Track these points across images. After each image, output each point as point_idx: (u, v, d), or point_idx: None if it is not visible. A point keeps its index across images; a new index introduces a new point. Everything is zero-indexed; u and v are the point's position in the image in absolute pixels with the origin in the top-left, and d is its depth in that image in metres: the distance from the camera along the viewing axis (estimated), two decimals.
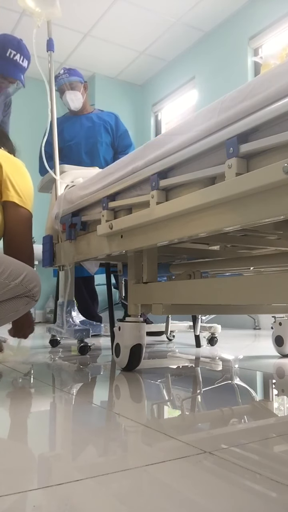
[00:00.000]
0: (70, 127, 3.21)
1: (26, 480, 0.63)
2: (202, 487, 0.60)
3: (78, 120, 3.24)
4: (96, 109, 3.38)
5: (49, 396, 1.21)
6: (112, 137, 3.28)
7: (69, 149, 3.15)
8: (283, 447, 0.78)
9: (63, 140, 3.15)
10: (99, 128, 3.22)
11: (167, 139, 1.24)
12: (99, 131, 3.22)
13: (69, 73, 3.19)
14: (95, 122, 3.23)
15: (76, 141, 3.18)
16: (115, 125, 3.29)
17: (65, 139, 3.15)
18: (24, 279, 1.32)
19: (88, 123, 3.23)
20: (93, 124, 3.22)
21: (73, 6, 4.14)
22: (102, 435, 0.85)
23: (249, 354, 2.12)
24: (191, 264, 1.99)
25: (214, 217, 1.11)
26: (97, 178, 1.64)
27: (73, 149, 3.16)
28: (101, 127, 3.23)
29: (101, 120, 3.25)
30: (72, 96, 3.15)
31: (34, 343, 2.66)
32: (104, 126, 3.24)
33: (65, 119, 3.28)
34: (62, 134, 3.16)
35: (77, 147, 3.17)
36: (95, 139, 3.19)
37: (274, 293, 1.07)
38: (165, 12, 4.28)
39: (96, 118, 3.26)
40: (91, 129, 3.21)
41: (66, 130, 3.18)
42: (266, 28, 3.98)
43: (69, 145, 3.16)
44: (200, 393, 1.26)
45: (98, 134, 3.21)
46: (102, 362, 1.88)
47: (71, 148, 3.16)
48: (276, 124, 0.93)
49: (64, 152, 3.15)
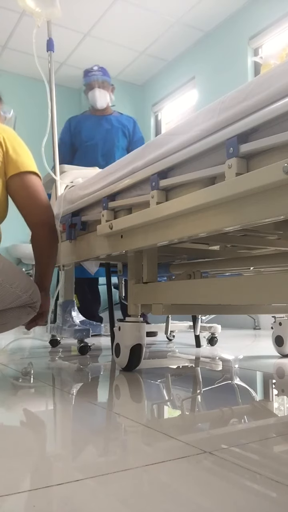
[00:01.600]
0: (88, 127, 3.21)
1: (26, 480, 0.63)
2: (202, 487, 0.60)
3: (97, 121, 3.24)
4: (115, 112, 3.37)
5: (49, 396, 1.21)
6: (128, 142, 3.29)
7: (85, 150, 3.15)
8: (283, 447, 0.77)
9: (80, 140, 3.17)
10: (117, 131, 3.23)
11: (167, 139, 1.24)
12: (117, 134, 3.22)
13: (103, 72, 3.20)
14: (114, 126, 3.23)
15: (94, 142, 3.18)
16: (133, 130, 3.30)
17: (82, 139, 3.16)
18: (32, 293, 1.45)
19: (107, 125, 3.23)
20: (112, 127, 3.23)
21: (73, 6, 4.14)
22: (102, 435, 0.85)
23: (249, 354, 2.12)
24: (191, 264, 1.99)
25: (214, 217, 1.10)
26: (97, 178, 1.64)
27: (89, 150, 3.16)
28: (119, 130, 3.23)
29: (119, 124, 3.26)
30: (101, 95, 3.15)
31: (34, 343, 2.67)
32: (122, 130, 3.24)
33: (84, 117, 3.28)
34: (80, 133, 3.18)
35: (94, 148, 3.17)
36: (112, 142, 3.19)
37: (274, 293, 1.07)
38: (165, 12, 4.28)
39: (115, 121, 3.26)
40: (109, 132, 3.21)
41: (84, 130, 3.18)
42: (266, 28, 3.98)
43: (86, 146, 3.17)
44: (200, 393, 1.26)
45: (115, 137, 3.21)
46: (102, 362, 1.88)
47: (87, 149, 3.16)
48: (276, 124, 0.93)
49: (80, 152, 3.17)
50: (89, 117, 3.28)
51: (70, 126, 3.27)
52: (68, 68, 5.24)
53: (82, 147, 3.15)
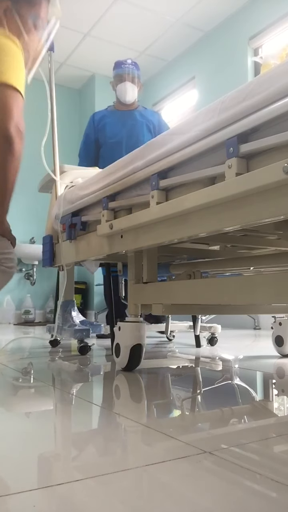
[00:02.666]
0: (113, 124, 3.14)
1: (26, 480, 0.63)
2: (202, 487, 0.60)
3: (122, 117, 3.16)
4: (140, 106, 3.29)
5: (49, 396, 1.21)
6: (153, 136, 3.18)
7: (110, 147, 3.09)
8: (283, 447, 0.77)
9: (104, 136, 3.11)
10: (141, 126, 3.15)
11: (167, 139, 1.24)
12: (141, 130, 3.14)
13: (136, 67, 3.14)
14: (138, 121, 3.15)
15: (118, 139, 3.11)
16: (158, 124, 3.21)
17: (106, 135, 3.09)
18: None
19: (131, 121, 3.15)
20: (136, 122, 3.15)
21: (73, 6, 4.14)
22: (102, 435, 0.85)
23: (249, 354, 2.12)
24: (191, 264, 1.99)
25: (214, 217, 1.11)
26: (97, 178, 1.64)
27: (114, 147, 3.09)
28: (143, 125, 3.15)
29: (144, 119, 3.17)
30: (131, 89, 3.09)
31: (34, 343, 2.67)
32: (146, 124, 3.16)
33: (108, 113, 3.21)
34: (104, 129, 3.11)
35: (118, 145, 3.09)
36: (136, 138, 3.10)
37: (274, 293, 1.07)
38: (165, 12, 4.28)
39: (139, 116, 3.18)
40: (133, 128, 3.13)
41: (108, 126, 3.12)
42: (266, 28, 3.98)
43: (111, 143, 3.10)
44: (200, 393, 1.26)
45: (140, 133, 3.13)
46: (102, 362, 1.88)
47: (112, 146, 3.09)
48: (276, 124, 0.93)
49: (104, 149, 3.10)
50: (114, 113, 3.20)
51: (94, 122, 3.20)
52: (68, 68, 5.24)
53: (106, 144, 3.08)
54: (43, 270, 5.15)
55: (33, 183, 2.87)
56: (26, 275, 5.19)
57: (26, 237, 5.15)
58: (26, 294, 5.11)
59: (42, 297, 5.27)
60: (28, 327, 4.34)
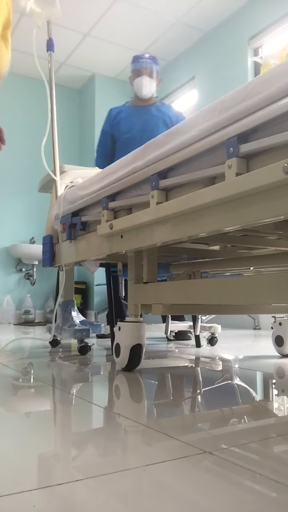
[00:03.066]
0: (127, 119, 3.09)
1: (26, 480, 0.63)
2: (202, 487, 0.60)
3: (136, 112, 3.12)
4: (158, 102, 3.24)
5: (49, 396, 1.21)
6: None
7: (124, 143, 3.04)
8: (283, 447, 0.77)
9: (119, 132, 3.06)
10: (157, 121, 3.08)
11: (167, 139, 1.24)
12: (157, 124, 3.07)
13: (154, 61, 3.09)
14: (153, 115, 3.10)
15: (132, 134, 3.05)
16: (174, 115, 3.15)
17: (121, 130, 3.06)
18: None
19: (146, 116, 3.10)
20: (151, 117, 3.09)
21: (73, 6, 4.14)
22: (102, 435, 0.85)
23: (249, 354, 2.12)
24: (191, 264, 1.99)
25: (214, 217, 1.11)
26: (97, 178, 1.64)
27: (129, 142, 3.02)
28: (159, 120, 3.09)
29: (159, 113, 3.12)
30: (149, 83, 3.03)
31: (34, 343, 2.67)
32: (162, 119, 3.10)
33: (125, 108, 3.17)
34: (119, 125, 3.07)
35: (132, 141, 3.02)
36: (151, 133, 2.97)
37: (274, 293, 1.07)
38: (165, 12, 4.28)
39: (155, 110, 3.12)
40: (147, 123, 3.07)
41: (123, 121, 3.08)
42: (266, 28, 3.98)
43: (125, 138, 3.05)
44: (200, 393, 1.26)
45: (155, 128, 3.05)
46: (102, 362, 1.88)
47: (126, 141, 3.04)
48: (276, 124, 0.93)
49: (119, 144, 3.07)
50: (130, 108, 3.16)
51: (110, 117, 3.16)
52: (68, 68, 5.24)
53: (121, 139, 3.04)
54: (43, 270, 5.16)
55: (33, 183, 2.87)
56: (26, 275, 5.19)
57: (26, 237, 5.15)
58: (26, 294, 5.11)
59: (42, 297, 5.27)
60: (28, 327, 4.34)
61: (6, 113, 5.20)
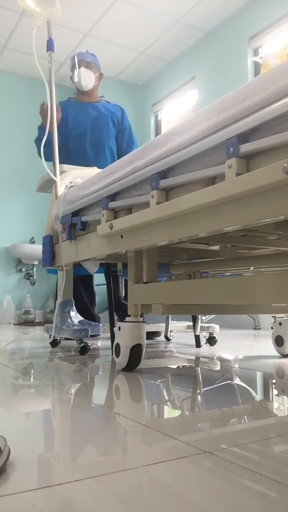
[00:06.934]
0: (75, 115, 3.03)
1: (26, 480, 0.63)
2: (202, 487, 0.60)
3: (83, 108, 3.07)
4: (103, 100, 3.21)
5: (49, 396, 1.21)
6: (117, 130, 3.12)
7: (73, 139, 2.98)
8: (283, 447, 0.77)
9: (66, 128, 2.95)
10: (106, 119, 3.07)
11: (167, 139, 1.24)
12: (106, 122, 3.06)
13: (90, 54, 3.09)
14: (102, 113, 3.07)
15: (81, 131, 3.00)
16: (121, 118, 3.14)
17: (69, 126, 2.97)
18: None
19: (94, 112, 3.06)
20: (100, 114, 3.06)
21: (73, 6, 4.14)
22: (102, 435, 0.85)
23: (249, 354, 2.12)
24: (191, 264, 1.99)
25: (214, 217, 1.11)
26: (97, 178, 1.64)
27: (77, 139, 2.99)
28: (108, 118, 3.07)
29: (108, 111, 3.10)
30: (86, 73, 3.00)
31: (34, 343, 2.67)
32: (111, 117, 3.09)
33: (70, 103, 3.10)
34: (66, 119, 2.97)
35: (82, 137, 3.00)
36: (101, 131, 3.03)
37: (274, 293, 1.07)
38: (165, 12, 4.28)
39: (103, 108, 3.10)
40: (97, 120, 3.04)
41: (71, 117, 3.01)
42: (266, 28, 3.98)
43: (74, 135, 2.99)
44: (200, 393, 1.26)
45: (104, 125, 3.05)
46: (102, 362, 1.88)
47: (75, 138, 2.99)
48: (276, 124, 0.93)
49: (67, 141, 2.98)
50: (75, 104, 3.10)
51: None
52: (68, 68, 5.23)
53: (69, 136, 2.96)
54: (43, 270, 5.15)
55: (33, 183, 2.87)
56: (26, 275, 5.19)
57: (26, 237, 5.15)
58: (26, 294, 5.11)
59: (42, 297, 5.27)
60: (28, 327, 4.34)
61: (6, 113, 5.20)
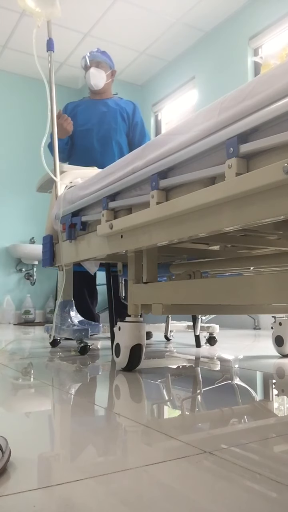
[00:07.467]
0: (83, 111, 3.07)
1: (26, 480, 0.63)
2: (202, 487, 0.60)
3: (93, 105, 3.10)
4: (115, 96, 3.22)
5: (49, 396, 1.21)
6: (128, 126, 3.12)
7: (80, 135, 3.02)
8: (283, 447, 0.77)
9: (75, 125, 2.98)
10: (115, 114, 3.06)
11: (167, 139, 1.24)
12: (115, 117, 3.06)
13: (102, 53, 3.09)
14: (111, 108, 3.08)
15: (89, 126, 3.03)
16: (132, 113, 3.14)
17: (77, 123, 3.00)
18: None
19: (103, 108, 3.08)
20: (108, 109, 3.07)
21: (73, 6, 4.14)
22: (102, 435, 0.85)
23: (249, 354, 2.12)
24: (191, 264, 1.99)
25: (214, 217, 1.11)
26: (97, 178, 1.64)
27: (85, 135, 3.02)
28: (117, 113, 3.07)
29: (117, 106, 3.10)
30: (96, 73, 3.02)
31: (34, 343, 2.66)
32: (120, 112, 3.08)
33: (81, 102, 3.16)
34: (76, 118, 3.02)
35: (89, 133, 3.02)
36: (109, 125, 3.03)
37: (274, 293, 1.07)
38: (165, 12, 4.28)
39: (113, 103, 3.11)
40: (105, 115, 3.05)
41: (79, 114, 3.05)
42: (266, 28, 3.98)
43: (81, 131, 3.02)
44: (200, 393, 1.26)
45: (112, 120, 3.05)
46: (102, 362, 1.88)
47: (83, 134, 3.02)
48: (276, 124, 0.93)
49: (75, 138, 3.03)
50: (87, 102, 3.15)
51: (67, 111, 3.11)
52: (68, 68, 5.23)
53: (77, 132, 2.99)
54: (43, 270, 5.15)
55: (33, 183, 2.87)
56: (26, 275, 5.19)
57: (26, 237, 5.15)
58: (26, 294, 5.11)
59: (42, 297, 5.27)
60: (28, 327, 4.34)
61: (6, 113, 5.20)
